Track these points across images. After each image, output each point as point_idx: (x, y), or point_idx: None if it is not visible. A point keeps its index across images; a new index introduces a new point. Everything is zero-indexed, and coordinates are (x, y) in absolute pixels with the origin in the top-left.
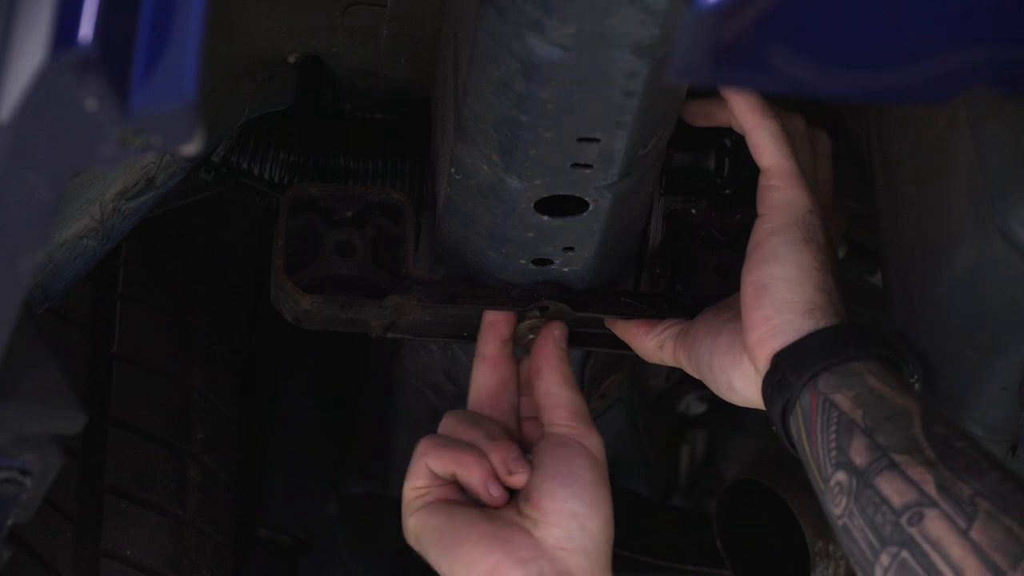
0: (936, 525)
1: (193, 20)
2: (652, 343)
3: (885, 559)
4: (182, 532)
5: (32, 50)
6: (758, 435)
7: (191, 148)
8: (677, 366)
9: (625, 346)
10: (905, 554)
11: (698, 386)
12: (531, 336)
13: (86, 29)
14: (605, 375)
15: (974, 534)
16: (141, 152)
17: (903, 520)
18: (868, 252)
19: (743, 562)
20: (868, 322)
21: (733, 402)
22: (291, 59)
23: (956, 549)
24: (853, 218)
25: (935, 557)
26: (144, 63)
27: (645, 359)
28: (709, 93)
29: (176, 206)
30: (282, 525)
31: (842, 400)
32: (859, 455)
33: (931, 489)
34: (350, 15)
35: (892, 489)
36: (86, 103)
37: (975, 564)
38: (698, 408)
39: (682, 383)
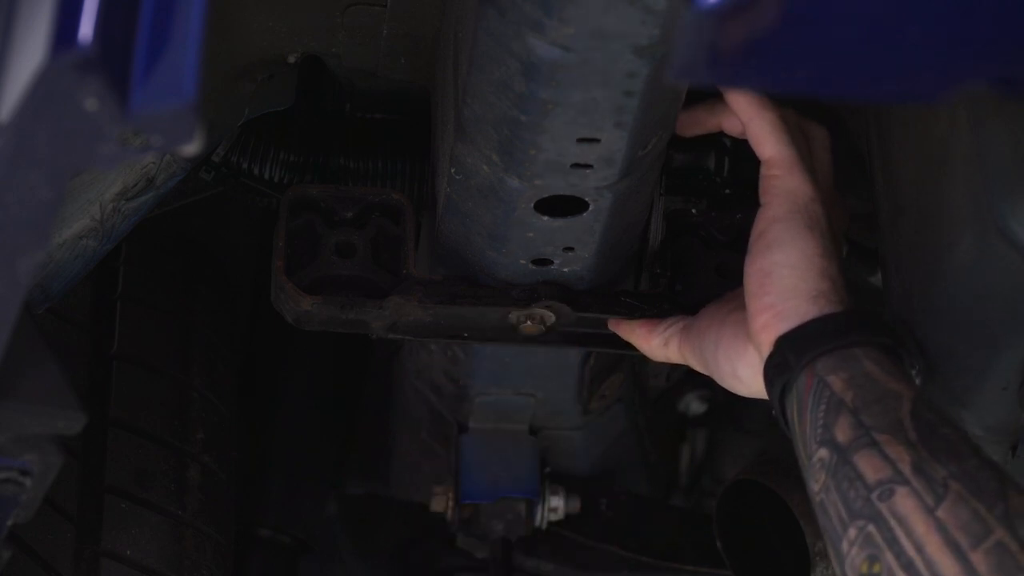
0: (905, 502)
1: (193, 20)
2: (656, 341)
3: (852, 532)
4: (182, 532)
5: (32, 50)
6: (758, 435)
7: (191, 148)
8: (682, 363)
9: (627, 346)
10: (871, 528)
11: (698, 386)
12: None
13: (86, 29)
14: (605, 375)
15: (940, 513)
16: (141, 152)
17: (874, 496)
18: (868, 252)
19: (743, 562)
20: (872, 310)
21: (738, 392)
22: (291, 59)
23: (920, 526)
24: (853, 218)
25: (899, 532)
26: (144, 63)
27: (651, 358)
28: (699, 101)
29: (176, 206)
30: (282, 525)
31: (835, 381)
32: (842, 433)
33: (906, 468)
34: (350, 15)
35: (868, 466)
36: (86, 103)
37: (937, 541)
38: (698, 408)
39: (682, 383)
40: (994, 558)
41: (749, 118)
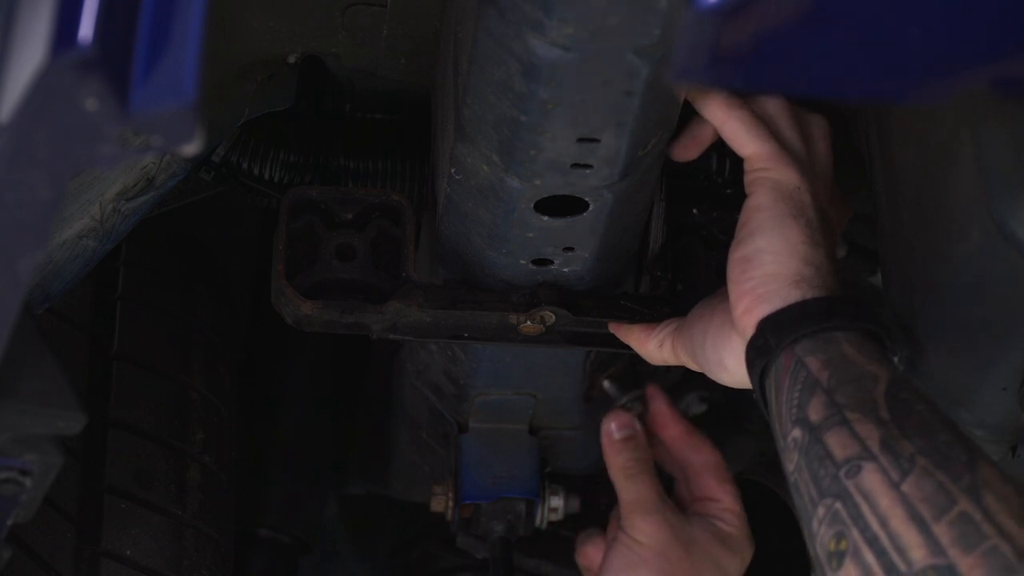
0: (871, 478)
1: (193, 20)
2: (652, 344)
3: (821, 511)
4: (182, 532)
5: (32, 50)
6: (758, 435)
7: (191, 148)
8: (678, 363)
9: (627, 346)
10: (838, 505)
11: (698, 386)
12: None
13: (86, 29)
14: (607, 366)
15: (905, 487)
16: (141, 152)
17: (841, 473)
18: (868, 252)
19: None
20: (857, 295)
21: (725, 383)
22: (291, 59)
23: (884, 500)
24: (853, 218)
25: (864, 508)
26: (144, 63)
27: (650, 362)
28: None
29: (176, 206)
30: (282, 525)
31: (812, 362)
32: (815, 412)
33: (874, 445)
34: (350, 15)
35: (838, 443)
36: (86, 103)
37: (900, 514)
38: (698, 408)
39: (682, 383)
40: (957, 529)
41: (722, 121)
